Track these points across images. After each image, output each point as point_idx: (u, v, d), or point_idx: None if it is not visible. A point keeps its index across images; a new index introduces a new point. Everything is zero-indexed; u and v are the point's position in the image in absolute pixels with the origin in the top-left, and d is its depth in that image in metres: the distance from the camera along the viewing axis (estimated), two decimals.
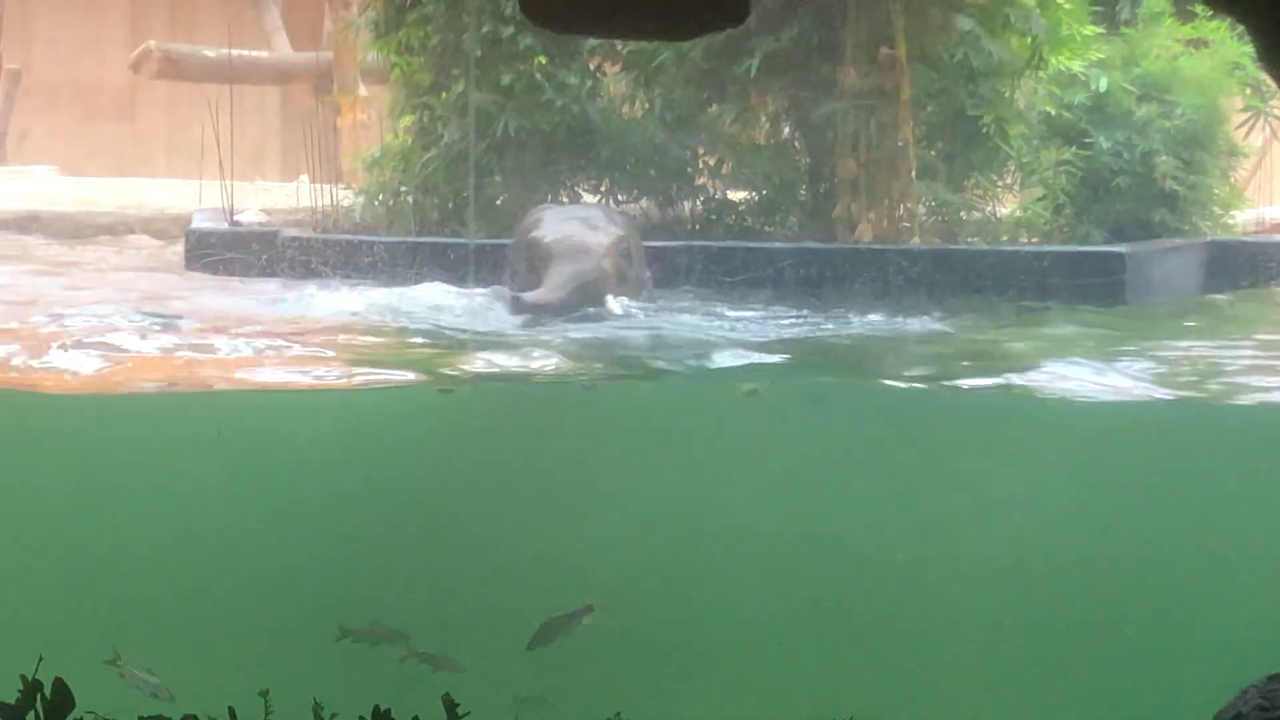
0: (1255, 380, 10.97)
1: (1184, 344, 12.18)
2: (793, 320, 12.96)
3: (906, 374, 11.79)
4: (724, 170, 16.38)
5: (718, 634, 9.55)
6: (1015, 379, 11.07)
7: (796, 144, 16.42)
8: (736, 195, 16.45)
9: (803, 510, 10.17)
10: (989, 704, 9.38)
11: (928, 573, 9.79)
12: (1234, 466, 9.71)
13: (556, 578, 9.47)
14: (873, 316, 13.01)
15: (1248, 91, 16.35)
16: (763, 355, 11.52)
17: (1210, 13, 14.39)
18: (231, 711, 3.89)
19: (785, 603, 9.76)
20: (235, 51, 20.21)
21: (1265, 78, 12.71)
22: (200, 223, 16.15)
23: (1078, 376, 10.72)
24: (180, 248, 16.03)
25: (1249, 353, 12.10)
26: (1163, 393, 10.56)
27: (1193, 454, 10.25)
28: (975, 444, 10.56)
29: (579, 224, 13.09)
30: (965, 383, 11.42)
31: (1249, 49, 5.54)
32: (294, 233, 15.60)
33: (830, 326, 12.77)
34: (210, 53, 22.56)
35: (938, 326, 12.70)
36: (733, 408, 10.74)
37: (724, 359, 11.36)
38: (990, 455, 10.39)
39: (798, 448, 10.71)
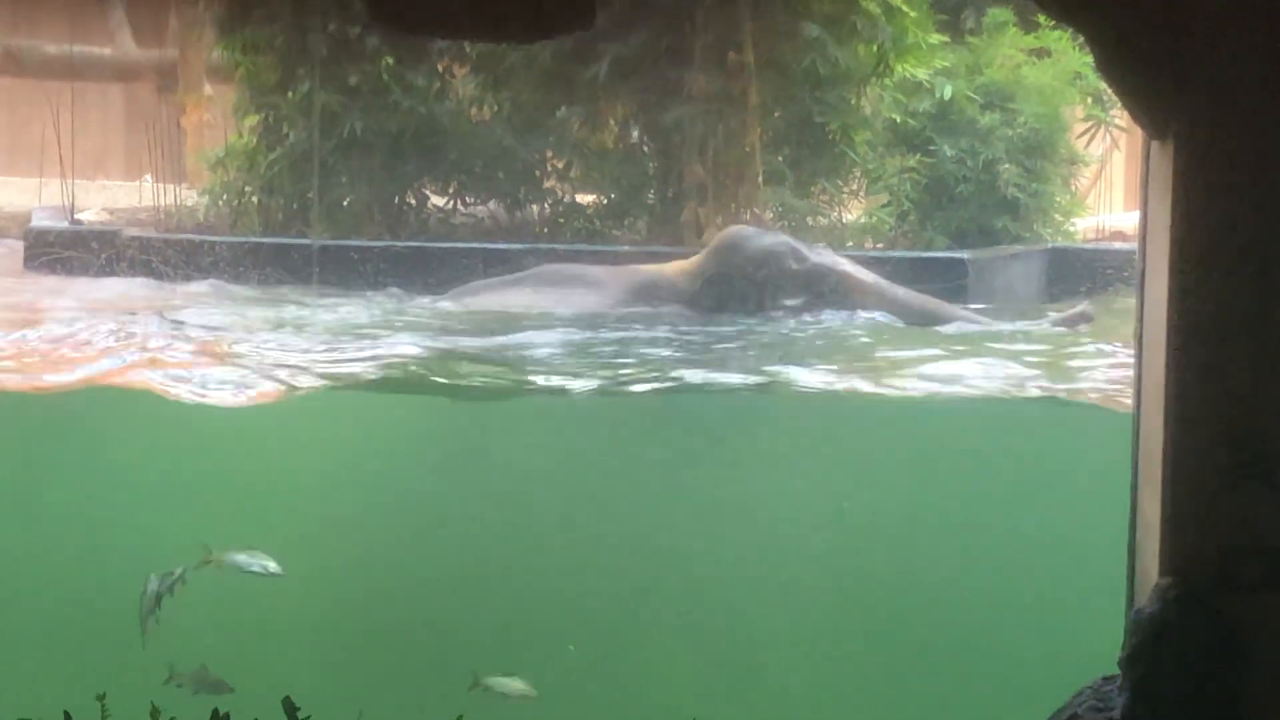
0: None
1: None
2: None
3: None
4: (572, 173, 16.38)
5: None
6: None
7: (645, 148, 16.43)
8: (585, 198, 16.45)
9: None
10: (820, 708, 9.44)
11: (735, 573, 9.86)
12: (1067, 469, 9.80)
13: None
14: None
15: (1089, 100, 16.57)
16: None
17: (1052, 23, 14.59)
18: None
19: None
20: (77, 48, 19.90)
21: (1106, 87, 12.88)
22: (40, 221, 15.90)
23: None
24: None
25: None
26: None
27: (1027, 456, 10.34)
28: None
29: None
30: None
31: (1090, 58, 5.61)
32: (136, 232, 15.40)
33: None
34: (52, 48, 22.17)
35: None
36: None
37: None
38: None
39: None
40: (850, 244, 15.56)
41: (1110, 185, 18.31)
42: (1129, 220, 16.65)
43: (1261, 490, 4.37)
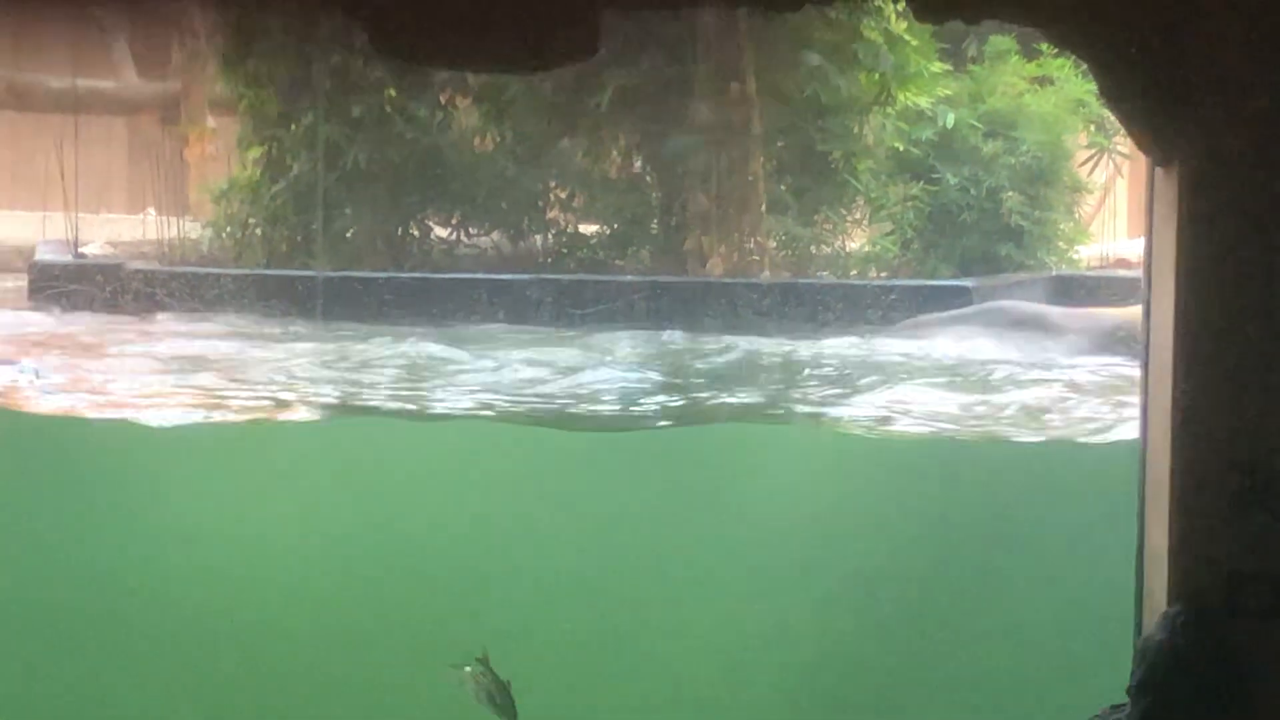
0: None
1: None
2: None
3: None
4: (575, 204, 16.39)
5: None
6: None
7: (648, 178, 16.45)
8: (588, 229, 16.46)
9: None
10: None
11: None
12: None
13: None
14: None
15: (1091, 128, 16.59)
16: None
17: (1055, 50, 14.61)
18: None
19: None
20: (80, 81, 19.95)
21: (1109, 114, 12.88)
22: (44, 255, 15.90)
23: None
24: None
25: None
26: None
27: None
28: None
29: None
30: None
31: (1093, 86, 5.63)
32: (140, 265, 15.40)
33: None
34: (55, 82, 22.22)
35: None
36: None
37: None
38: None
39: None
40: (854, 273, 15.57)
41: (1114, 212, 18.35)
42: (1134, 248, 16.67)
43: (1268, 518, 4.36)
